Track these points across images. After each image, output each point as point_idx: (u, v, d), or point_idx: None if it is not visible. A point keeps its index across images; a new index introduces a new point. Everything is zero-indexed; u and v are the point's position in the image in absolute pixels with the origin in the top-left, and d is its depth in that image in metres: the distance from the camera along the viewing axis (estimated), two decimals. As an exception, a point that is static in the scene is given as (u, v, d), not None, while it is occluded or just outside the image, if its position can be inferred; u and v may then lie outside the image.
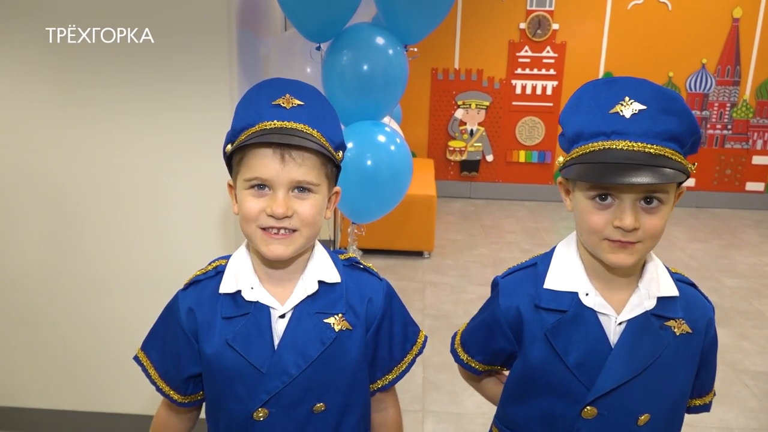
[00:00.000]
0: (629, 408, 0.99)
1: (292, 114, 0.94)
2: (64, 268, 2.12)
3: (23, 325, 2.19)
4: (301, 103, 0.95)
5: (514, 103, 6.50)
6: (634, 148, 0.88)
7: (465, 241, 5.13)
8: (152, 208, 2.05)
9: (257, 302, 0.99)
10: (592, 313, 0.99)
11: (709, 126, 6.43)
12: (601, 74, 6.34)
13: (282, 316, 0.99)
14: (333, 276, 1.03)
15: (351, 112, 2.08)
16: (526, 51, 6.37)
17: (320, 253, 1.06)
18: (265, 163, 0.93)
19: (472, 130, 6.58)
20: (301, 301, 1.00)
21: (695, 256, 4.88)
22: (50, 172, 2.04)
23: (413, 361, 1.13)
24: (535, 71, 6.41)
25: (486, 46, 6.39)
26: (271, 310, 0.99)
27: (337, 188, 1.06)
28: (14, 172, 2.05)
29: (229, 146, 0.98)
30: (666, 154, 0.88)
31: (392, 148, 2.06)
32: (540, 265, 1.06)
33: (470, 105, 6.51)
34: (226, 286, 1.01)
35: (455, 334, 1.23)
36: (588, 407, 0.99)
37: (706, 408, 1.12)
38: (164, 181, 2.02)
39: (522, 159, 6.61)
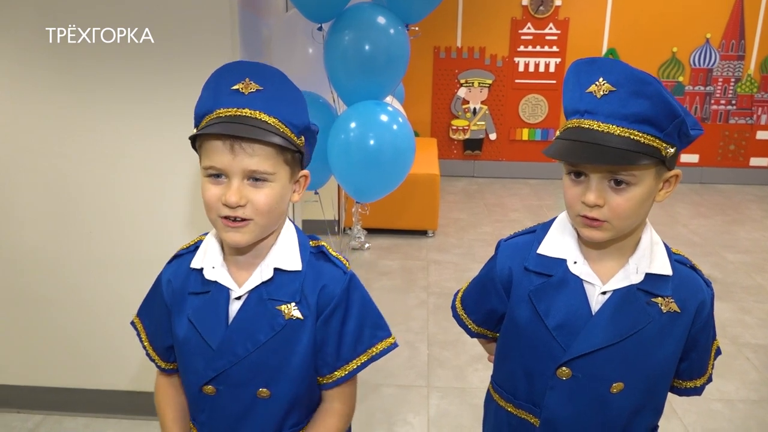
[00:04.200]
0: (603, 374, 1.03)
1: (249, 100, 0.93)
2: (62, 249, 2.16)
3: (17, 304, 2.25)
4: (260, 87, 0.94)
5: (516, 80, 6.47)
6: (602, 129, 0.90)
7: (468, 219, 5.15)
8: (151, 199, 2.07)
9: (216, 282, 1.01)
10: (578, 280, 1.03)
11: (713, 101, 6.40)
12: (604, 51, 6.30)
13: (238, 298, 1.01)
14: (293, 264, 1.02)
15: (353, 91, 2.09)
16: (529, 28, 6.33)
17: (286, 240, 1.05)
18: (217, 153, 0.93)
19: (475, 109, 6.57)
20: (257, 286, 1.01)
21: (698, 232, 4.90)
22: (53, 166, 2.07)
23: (365, 364, 1.08)
24: (538, 48, 6.37)
25: (488, 24, 6.35)
26: (230, 292, 1.01)
27: (304, 172, 1.04)
28: (15, 164, 2.08)
29: (195, 131, 0.98)
30: (634, 136, 0.90)
31: (395, 127, 2.07)
32: (539, 231, 1.11)
33: (473, 83, 6.49)
34: (195, 262, 1.05)
35: (457, 293, 1.29)
36: (563, 367, 1.03)
37: (697, 391, 1.13)
38: (164, 170, 2.04)
39: (525, 137, 6.61)
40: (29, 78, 2.00)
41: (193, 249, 1.08)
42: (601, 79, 0.91)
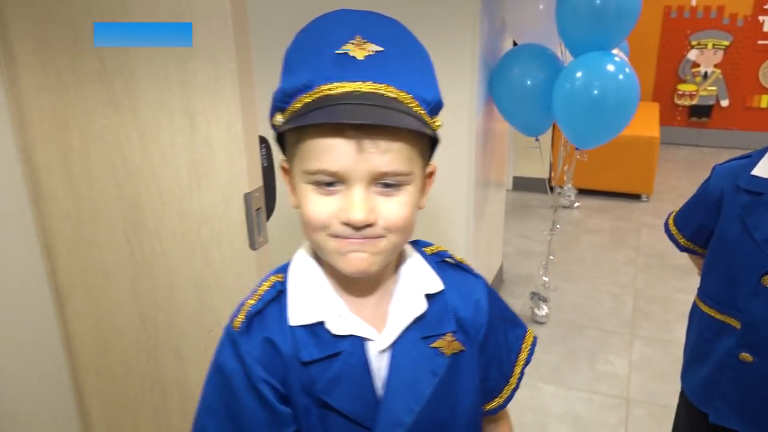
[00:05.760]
0: None
1: (368, 68, 0.63)
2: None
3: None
4: (380, 48, 0.64)
5: (759, 42, 5.89)
6: None
7: (688, 188, 4.91)
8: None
9: (351, 336, 0.71)
10: None
11: None
12: None
13: (381, 351, 0.73)
14: (435, 283, 0.77)
15: (582, 42, 2.22)
16: (781, -18, 5.70)
17: (410, 253, 0.79)
18: (333, 152, 0.64)
19: (706, 73, 6.12)
20: (409, 326, 0.74)
21: None
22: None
23: (522, 373, 0.87)
24: (791, 5, 5.72)
25: (731, -21, 5.84)
26: (368, 344, 0.73)
27: (432, 166, 0.74)
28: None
29: (278, 116, 0.68)
30: None
31: (620, 77, 2.17)
32: (755, 156, 1.21)
33: (706, 45, 6.04)
34: (298, 316, 0.72)
35: (670, 213, 1.45)
36: (767, 276, 1.14)
37: None
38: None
39: (764, 104, 6.01)
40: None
41: (274, 294, 0.74)
42: None
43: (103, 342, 1.39)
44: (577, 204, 4.41)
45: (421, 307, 0.74)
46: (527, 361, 0.86)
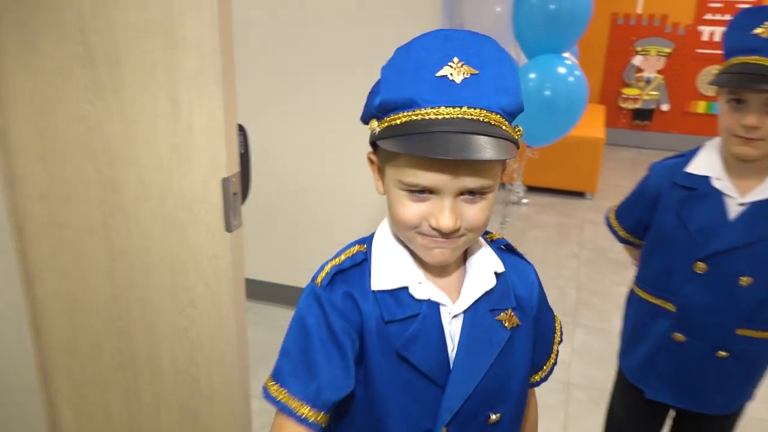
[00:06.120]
0: (734, 269, 1.26)
1: (465, 91, 0.69)
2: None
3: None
4: (476, 71, 0.70)
5: (698, 50, 6.22)
6: (765, 63, 1.13)
7: (629, 187, 5.06)
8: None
9: (429, 300, 0.80)
10: (719, 193, 1.27)
11: None
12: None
13: (454, 316, 0.82)
14: (499, 264, 0.86)
15: (536, 45, 2.35)
16: (720, -5, 6.03)
17: (479, 239, 0.87)
18: (429, 172, 0.72)
19: (649, 78, 6.42)
20: (480, 299, 0.83)
21: None
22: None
23: (558, 352, 0.97)
24: (728, 17, 6.05)
25: (673, -10, 6.14)
26: (442, 309, 0.81)
27: (506, 163, 0.82)
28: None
29: (374, 122, 0.76)
30: None
31: (571, 79, 2.31)
32: (688, 155, 1.35)
33: (650, 52, 6.33)
34: (382, 282, 0.80)
35: (610, 208, 1.58)
36: (699, 263, 1.28)
37: None
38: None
39: (702, 110, 6.35)
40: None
41: (360, 260, 0.83)
42: (767, 23, 1.13)
43: (74, 321, 1.43)
44: (525, 200, 4.58)
45: (491, 282, 0.83)
46: (561, 341, 0.97)
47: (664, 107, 6.45)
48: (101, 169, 1.26)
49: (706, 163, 1.30)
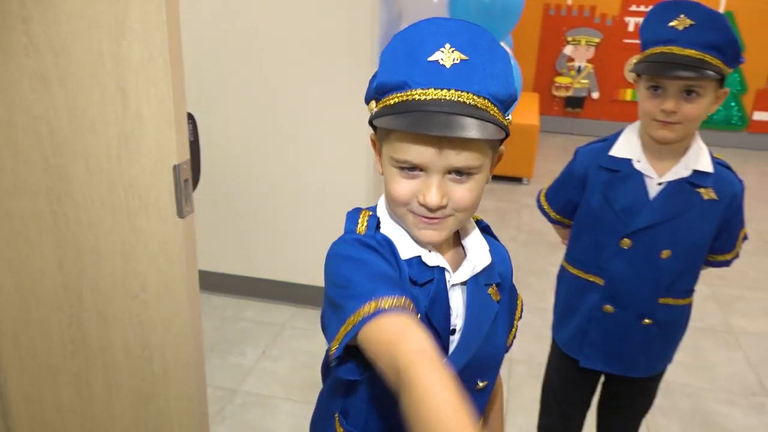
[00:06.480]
0: (655, 244, 1.38)
1: (454, 76, 0.74)
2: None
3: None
4: (465, 57, 0.74)
5: (625, 40, 6.50)
6: (682, 53, 1.24)
7: (564, 172, 5.38)
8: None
9: (438, 267, 0.85)
10: (640, 175, 1.39)
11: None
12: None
13: (452, 286, 0.87)
14: (485, 244, 0.92)
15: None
16: (644, -13, 6.32)
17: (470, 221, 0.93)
18: (418, 149, 0.77)
19: (579, 67, 6.67)
20: (478, 273, 0.88)
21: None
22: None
23: (517, 329, 1.02)
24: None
25: (601, -18, 6.38)
26: (447, 276, 0.87)
27: (501, 150, 0.87)
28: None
29: (372, 103, 0.82)
30: (705, 58, 1.23)
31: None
32: (610, 140, 1.46)
33: (580, 41, 6.58)
34: (404, 251, 0.85)
35: (541, 190, 1.67)
36: (625, 239, 1.40)
37: (726, 263, 1.50)
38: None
39: (629, 98, 6.65)
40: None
41: (373, 231, 0.87)
42: (682, 16, 1.24)
43: (23, 312, 1.42)
44: (465, 186, 4.71)
45: (488, 258, 0.89)
46: (520, 317, 1.02)
47: (595, 95, 6.73)
48: (47, 157, 1.26)
49: (627, 146, 1.41)
